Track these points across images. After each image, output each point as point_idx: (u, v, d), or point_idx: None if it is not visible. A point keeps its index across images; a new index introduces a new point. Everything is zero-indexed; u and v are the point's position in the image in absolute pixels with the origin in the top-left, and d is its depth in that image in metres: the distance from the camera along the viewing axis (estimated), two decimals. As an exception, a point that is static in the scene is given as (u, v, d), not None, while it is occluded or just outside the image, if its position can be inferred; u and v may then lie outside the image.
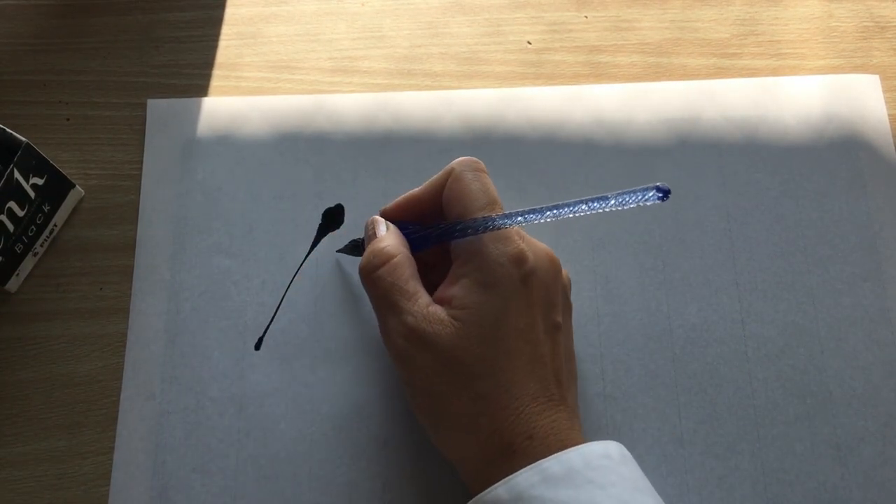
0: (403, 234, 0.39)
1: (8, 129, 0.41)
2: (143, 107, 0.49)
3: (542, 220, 0.34)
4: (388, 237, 0.38)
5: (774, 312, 0.43)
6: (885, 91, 0.48)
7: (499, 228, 0.35)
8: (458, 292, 0.35)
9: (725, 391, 0.42)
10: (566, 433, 0.33)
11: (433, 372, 0.34)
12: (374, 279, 0.36)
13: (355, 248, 0.43)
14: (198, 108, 0.48)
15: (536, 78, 0.49)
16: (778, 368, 0.42)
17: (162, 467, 0.41)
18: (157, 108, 0.48)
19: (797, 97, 0.48)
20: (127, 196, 0.47)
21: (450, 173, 0.38)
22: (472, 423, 0.34)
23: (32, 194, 0.43)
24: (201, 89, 0.49)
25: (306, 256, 0.45)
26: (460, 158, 0.38)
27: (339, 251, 0.44)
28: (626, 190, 0.31)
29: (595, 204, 0.32)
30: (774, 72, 0.49)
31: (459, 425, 0.34)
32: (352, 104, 0.48)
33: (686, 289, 0.44)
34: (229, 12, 0.51)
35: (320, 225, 0.46)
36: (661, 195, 0.30)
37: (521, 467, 0.32)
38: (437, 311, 0.35)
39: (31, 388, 0.43)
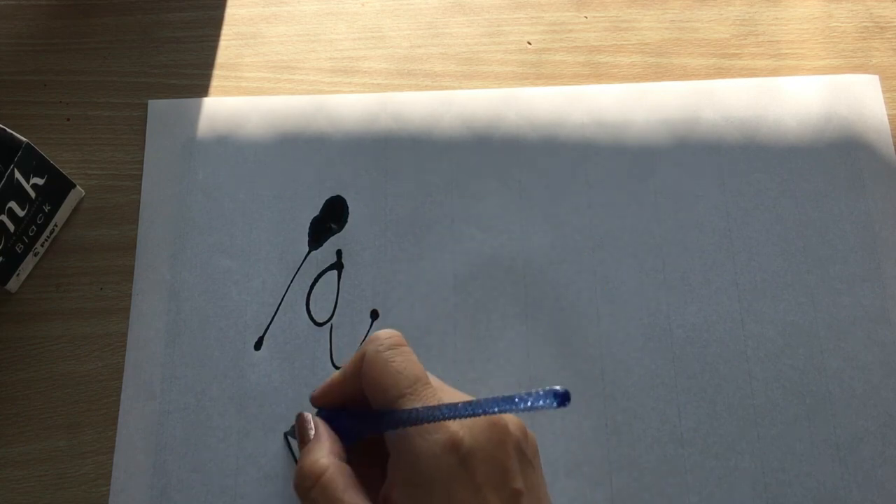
0: (336, 424, 0.36)
1: (8, 130, 0.41)
2: (144, 107, 0.49)
3: (469, 417, 0.31)
4: (315, 448, 0.34)
5: (774, 312, 0.43)
6: (884, 91, 0.48)
7: (424, 422, 0.31)
8: (396, 496, 0.32)
9: (725, 391, 0.42)
10: None
11: None
12: (312, 500, 0.33)
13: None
14: (198, 108, 0.48)
15: (536, 78, 0.49)
16: (778, 368, 0.42)
17: (162, 467, 0.41)
18: (158, 108, 0.48)
19: (797, 97, 0.48)
20: (127, 196, 0.47)
21: (362, 357, 0.34)
22: None
23: (33, 194, 0.43)
24: (201, 89, 0.49)
25: (306, 256, 0.45)
26: (374, 334, 0.34)
27: (286, 433, 0.42)
28: (528, 392, 0.28)
29: (505, 405, 0.29)
30: (774, 72, 0.49)
31: None
32: (352, 104, 0.48)
33: (686, 289, 0.44)
34: (229, 12, 0.51)
35: (318, 218, 0.46)
36: (557, 401, 0.28)
37: None
38: None
39: (31, 388, 0.43)
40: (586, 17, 0.51)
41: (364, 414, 0.35)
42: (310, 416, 0.36)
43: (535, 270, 0.44)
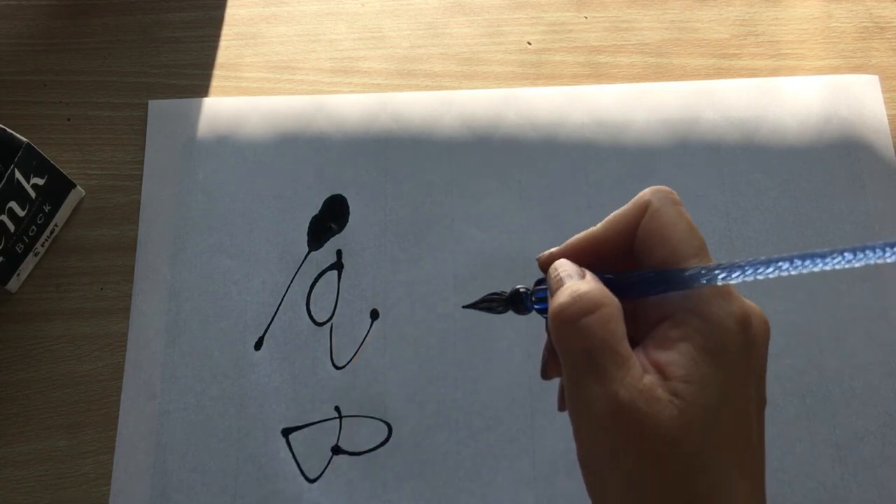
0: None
1: (9, 130, 0.41)
2: (144, 107, 0.49)
3: (788, 273, 0.27)
4: (590, 281, 0.29)
5: (774, 312, 0.43)
6: (884, 91, 0.48)
7: (724, 282, 0.27)
8: (679, 360, 0.27)
9: (725, 391, 0.42)
10: None
11: (639, 462, 0.27)
12: (580, 329, 0.28)
13: (498, 303, 0.35)
14: (198, 108, 0.48)
15: (536, 78, 0.49)
16: (778, 368, 0.42)
17: (162, 467, 0.41)
18: (158, 108, 0.48)
19: (796, 97, 0.48)
20: (128, 196, 0.47)
21: (644, 207, 0.30)
22: None
23: (33, 194, 0.43)
24: (202, 90, 0.49)
25: (306, 256, 0.45)
26: (654, 188, 0.30)
27: (466, 306, 0.35)
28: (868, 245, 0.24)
29: (855, 257, 0.24)
30: (774, 72, 0.49)
31: None
32: (352, 104, 0.48)
33: (686, 289, 0.44)
34: (229, 13, 0.51)
35: (317, 216, 0.46)
36: None
37: None
38: (654, 385, 0.27)
39: (31, 388, 0.43)
40: (586, 18, 0.51)
41: (638, 273, 0.29)
42: (572, 264, 0.31)
43: (535, 270, 0.44)
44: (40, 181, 0.43)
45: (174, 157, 0.47)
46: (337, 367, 0.43)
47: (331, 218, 0.46)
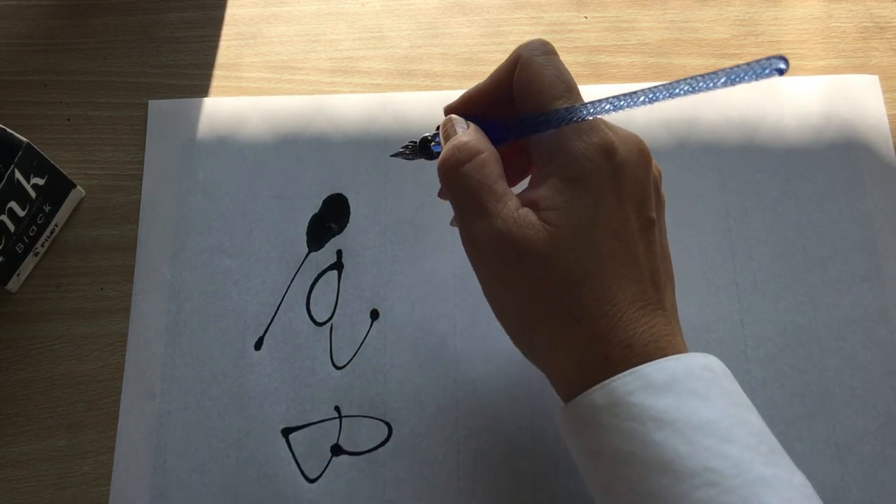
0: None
1: (9, 130, 0.41)
2: (144, 107, 0.49)
3: (635, 108, 0.30)
4: (471, 132, 0.33)
5: (774, 312, 0.43)
6: (884, 91, 0.48)
7: (583, 120, 0.31)
8: (545, 192, 0.31)
9: (725, 391, 0.42)
10: (666, 340, 0.31)
11: (525, 284, 0.31)
12: (460, 177, 0.32)
13: (415, 150, 0.38)
14: (198, 108, 0.48)
15: (536, 78, 0.49)
16: (778, 368, 0.42)
17: (162, 467, 0.41)
18: (158, 108, 0.48)
19: (796, 97, 0.48)
20: (128, 196, 0.47)
21: (517, 60, 0.33)
22: (567, 335, 0.31)
23: (33, 194, 0.43)
24: (202, 90, 0.49)
25: (306, 256, 0.45)
26: (527, 41, 0.33)
27: (393, 155, 0.39)
28: (738, 66, 0.26)
29: (702, 83, 0.27)
30: (774, 72, 0.49)
31: (554, 338, 0.31)
32: (352, 105, 0.48)
33: (686, 289, 0.44)
34: (229, 13, 0.51)
35: (317, 216, 0.46)
36: (781, 67, 0.26)
37: (618, 373, 0.30)
38: (528, 214, 0.31)
39: (31, 388, 0.43)
40: (586, 18, 0.51)
41: (512, 119, 0.33)
42: (459, 117, 0.35)
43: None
44: (40, 181, 0.43)
45: (174, 157, 0.47)
46: (337, 367, 0.43)
47: (331, 217, 0.46)
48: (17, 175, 0.41)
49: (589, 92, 0.48)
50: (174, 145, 0.48)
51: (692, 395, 0.29)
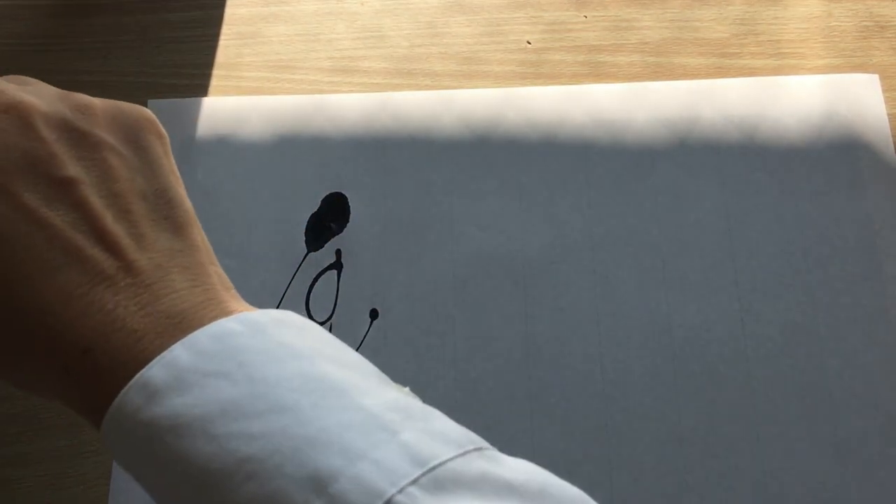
0: None
1: None
2: (144, 106, 0.49)
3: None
4: None
5: (774, 312, 0.43)
6: (884, 90, 0.48)
7: None
8: None
9: (725, 391, 0.42)
10: (143, 319, 0.24)
11: None
12: None
13: None
14: (198, 108, 0.48)
15: (536, 78, 0.49)
16: (778, 368, 0.42)
17: (162, 467, 0.41)
18: (158, 108, 0.48)
19: (797, 97, 0.48)
20: (127, 196, 0.47)
21: None
22: (22, 349, 0.24)
23: None
24: (201, 89, 0.49)
25: (306, 256, 0.45)
26: None
27: None
28: None
29: None
30: (774, 71, 0.49)
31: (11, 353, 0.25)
32: (352, 104, 0.48)
33: (686, 289, 0.44)
34: (229, 12, 0.51)
35: (317, 214, 0.46)
36: None
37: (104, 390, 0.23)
38: None
39: (31, 388, 0.43)
40: (586, 17, 0.51)
41: None
42: None
43: (535, 270, 0.44)
44: None
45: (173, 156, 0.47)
46: (337, 367, 0.43)
47: (331, 216, 0.46)
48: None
49: (589, 92, 0.48)
50: (173, 145, 0.47)
51: (209, 379, 0.23)
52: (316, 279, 0.45)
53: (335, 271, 0.45)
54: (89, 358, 0.23)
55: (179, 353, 0.23)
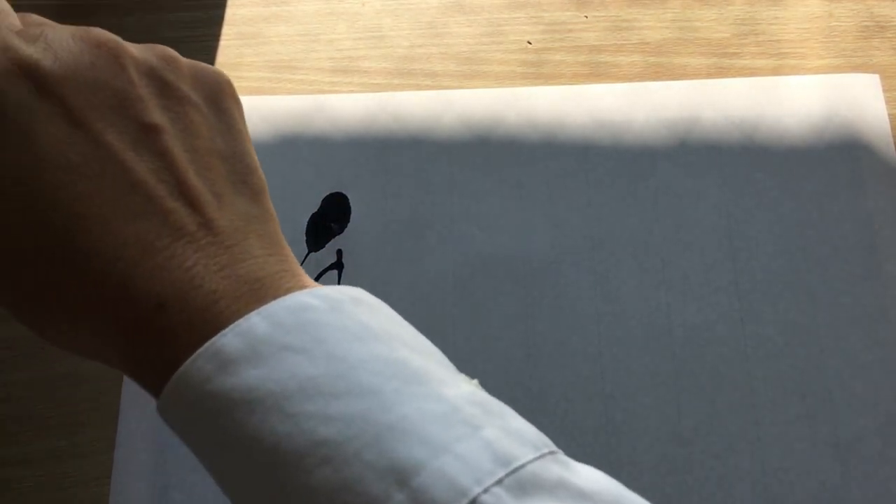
0: None
1: None
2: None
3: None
4: None
5: (774, 312, 0.43)
6: (884, 91, 0.48)
7: None
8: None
9: (725, 391, 0.42)
10: (223, 279, 0.23)
11: None
12: None
13: None
14: (198, 108, 0.48)
15: (536, 78, 0.49)
16: (778, 368, 0.42)
17: (162, 467, 0.41)
18: (158, 108, 0.48)
19: (797, 97, 0.48)
20: (127, 196, 0.47)
21: None
22: (78, 301, 0.23)
23: None
24: (202, 89, 0.49)
25: (307, 256, 0.45)
26: None
27: None
28: None
29: None
30: (774, 71, 0.49)
31: (66, 309, 0.23)
32: (352, 104, 0.48)
33: (686, 289, 0.44)
34: (230, 12, 0.51)
35: (317, 214, 0.46)
36: None
37: (176, 354, 0.22)
38: None
39: (31, 387, 0.43)
40: (586, 17, 0.51)
41: None
42: None
43: (535, 270, 0.44)
44: None
45: (174, 156, 0.47)
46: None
47: (331, 216, 0.46)
48: None
49: (589, 92, 0.48)
50: (174, 145, 0.48)
51: (286, 353, 0.22)
52: (317, 279, 0.45)
53: (336, 271, 0.45)
54: (163, 314, 0.22)
55: (257, 322, 0.22)
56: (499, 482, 0.20)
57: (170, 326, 0.22)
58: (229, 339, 0.22)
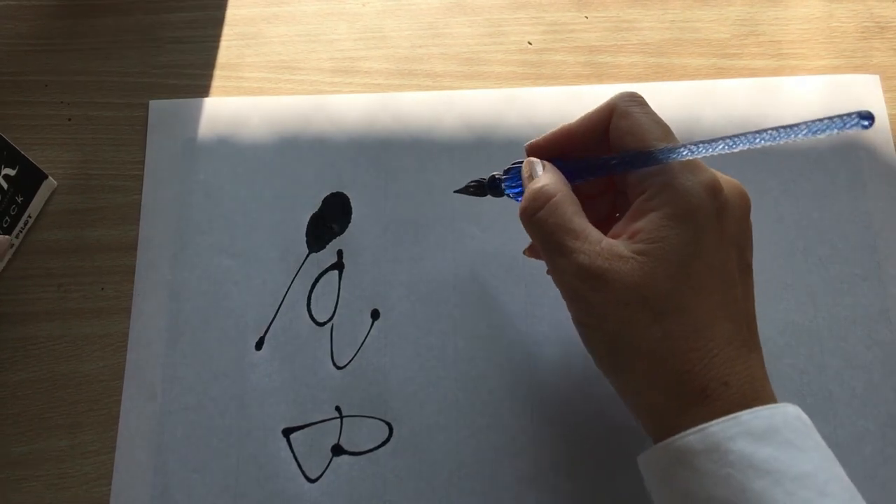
0: (561, 168, 0.36)
1: None
2: (145, 107, 0.49)
3: (729, 151, 0.32)
4: (545, 177, 0.35)
5: (774, 312, 0.43)
6: (885, 91, 0.48)
7: (683, 158, 0.32)
8: (646, 226, 0.32)
9: (725, 391, 0.42)
10: (760, 384, 0.31)
11: (612, 311, 0.32)
12: (536, 223, 0.34)
13: (478, 188, 0.40)
14: (199, 108, 0.48)
15: (537, 78, 0.49)
16: (778, 368, 0.42)
17: (163, 467, 0.41)
18: (159, 108, 0.49)
19: (797, 97, 0.48)
20: (128, 196, 0.47)
21: (612, 109, 0.35)
22: (657, 366, 0.31)
23: (5, 185, 0.43)
24: (202, 90, 0.49)
25: (307, 256, 0.45)
26: (619, 93, 0.35)
27: (457, 191, 0.41)
28: (819, 119, 0.29)
29: (783, 134, 0.30)
30: (775, 72, 0.49)
31: (643, 368, 0.32)
32: (353, 105, 0.48)
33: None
34: (230, 13, 0.51)
35: (317, 214, 0.46)
36: (865, 123, 0.28)
37: (715, 415, 0.30)
38: (615, 245, 0.32)
39: (32, 388, 0.43)
40: (587, 18, 0.51)
41: (598, 158, 0.35)
42: (537, 159, 0.36)
43: (536, 270, 0.44)
44: (11, 172, 0.43)
45: (175, 157, 0.47)
46: (337, 367, 0.43)
47: (332, 217, 0.46)
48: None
49: (590, 92, 0.48)
50: (175, 145, 0.48)
51: (790, 446, 0.29)
52: (317, 279, 0.45)
53: (336, 271, 0.45)
54: (723, 390, 0.30)
55: (773, 413, 0.30)
56: None
57: (720, 396, 0.30)
58: (751, 417, 0.30)
